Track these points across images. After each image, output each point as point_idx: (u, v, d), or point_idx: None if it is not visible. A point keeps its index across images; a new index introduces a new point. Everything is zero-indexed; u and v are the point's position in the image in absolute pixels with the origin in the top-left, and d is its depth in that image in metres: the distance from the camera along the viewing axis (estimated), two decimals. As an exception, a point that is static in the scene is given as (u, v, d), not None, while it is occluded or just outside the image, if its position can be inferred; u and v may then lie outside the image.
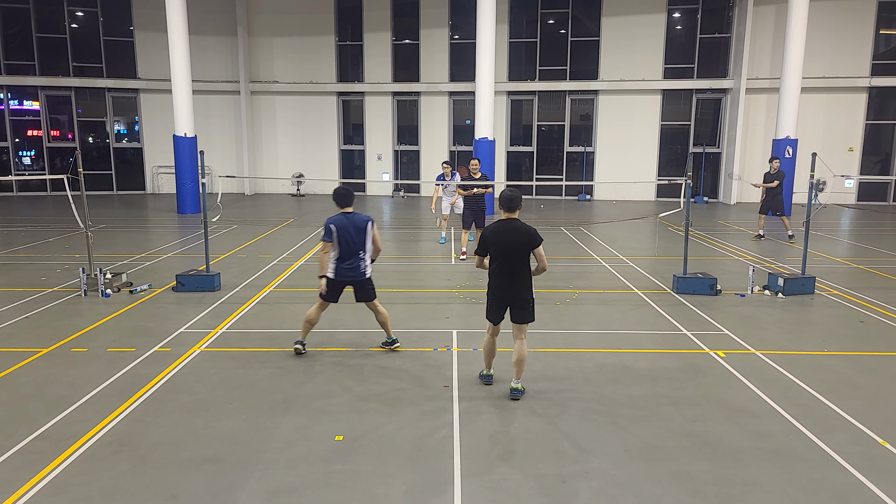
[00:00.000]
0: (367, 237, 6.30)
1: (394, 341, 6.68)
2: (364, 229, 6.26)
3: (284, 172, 24.28)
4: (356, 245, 6.24)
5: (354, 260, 6.27)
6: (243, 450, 4.66)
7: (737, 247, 13.24)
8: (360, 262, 6.28)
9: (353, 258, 6.26)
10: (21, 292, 9.10)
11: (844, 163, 21.36)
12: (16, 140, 24.13)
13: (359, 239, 6.24)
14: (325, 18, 23.68)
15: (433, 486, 4.20)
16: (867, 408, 5.41)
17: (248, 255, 12.04)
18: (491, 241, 5.55)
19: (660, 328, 7.70)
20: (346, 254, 6.24)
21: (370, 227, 6.32)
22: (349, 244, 6.22)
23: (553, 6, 22.88)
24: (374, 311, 6.60)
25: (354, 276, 6.29)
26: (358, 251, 6.25)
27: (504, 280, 5.55)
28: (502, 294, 5.60)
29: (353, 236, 6.22)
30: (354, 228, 6.23)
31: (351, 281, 6.32)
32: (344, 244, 6.21)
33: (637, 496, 4.11)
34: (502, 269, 5.53)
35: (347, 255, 6.25)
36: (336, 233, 6.18)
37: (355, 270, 6.28)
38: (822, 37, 20.72)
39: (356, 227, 6.24)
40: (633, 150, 22.91)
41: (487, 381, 5.90)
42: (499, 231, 5.52)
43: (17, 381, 5.91)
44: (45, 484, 4.19)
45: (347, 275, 6.27)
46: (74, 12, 23.70)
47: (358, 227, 6.25)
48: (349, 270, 6.27)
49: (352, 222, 6.24)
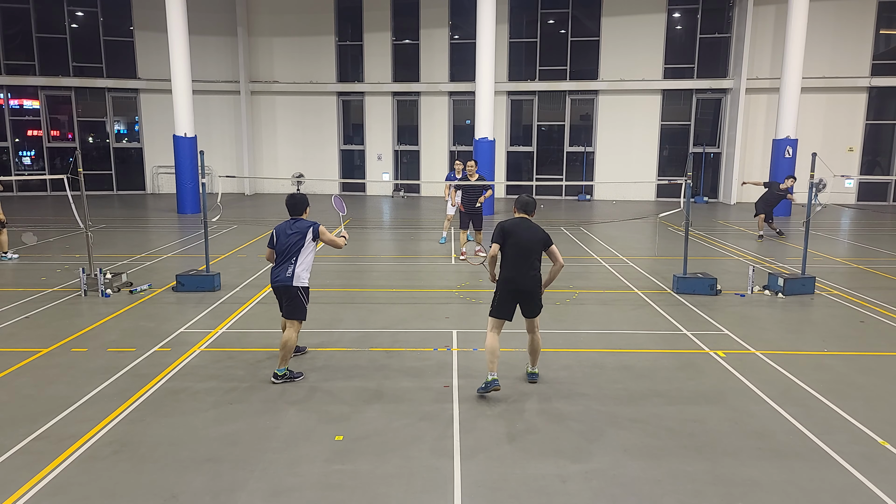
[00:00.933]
0: (305, 244, 5.96)
1: (282, 375, 5.93)
2: (303, 234, 5.95)
3: (284, 172, 24.27)
4: (288, 251, 5.94)
5: (284, 266, 5.96)
6: (243, 450, 4.66)
7: (737, 247, 13.24)
8: (289, 267, 5.92)
9: (283, 264, 5.97)
10: (21, 292, 9.10)
11: (844, 163, 21.36)
12: (16, 140, 24.12)
13: (292, 244, 5.94)
14: (325, 18, 23.68)
15: (433, 486, 4.20)
16: (867, 408, 5.41)
17: (248, 255, 12.04)
18: (509, 231, 5.64)
19: (660, 328, 7.69)
20: (279, 259, 6.01)
21: (310, 234, 5.97)
22: (281, 249, 5.98)
23: (553, 6, 22.88)
24: (285, 330, 6.05)
25: (280, 281, 5.94)
26: (290, 257, 5.94)
27: (518, 272, 5.63)
28: (515, 286, 5.63)
29: (287, 241, 5.96)
30: (292, 234, 5.97)
31: (277, 286, 5.99)
32: (278, 249, 6.01)
33: (637, 496, 4.11)
34: (517, 261, 5.63)
35: (279, 260, 6.01)
36: (276, 238, 6.04)
37: (281, 275, 5.95)
38: (822, 37, 20.72)
39: (295, 232, 5.98)
40: (633, 150, 22.91)
41: (495, 385, 5.50)
42: (518, 224, 5.70)
43: (17, 381, 5.91)
44: (45, 484, 4.19)
45: (274, 280, 5.99)
46: (74, 12, 23.70)
47: (297, 232, 5.97)
48: (276, 275, 5.99)
49: (292, 228, 6.01)
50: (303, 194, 6.19)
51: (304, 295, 6.01)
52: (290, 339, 5.92)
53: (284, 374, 5.89)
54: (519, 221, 5.75)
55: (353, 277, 10.72)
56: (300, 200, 6.12)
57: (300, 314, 6.01)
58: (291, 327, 5.99)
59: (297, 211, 6.11)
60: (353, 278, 10.65)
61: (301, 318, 6.02)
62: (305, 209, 6.14)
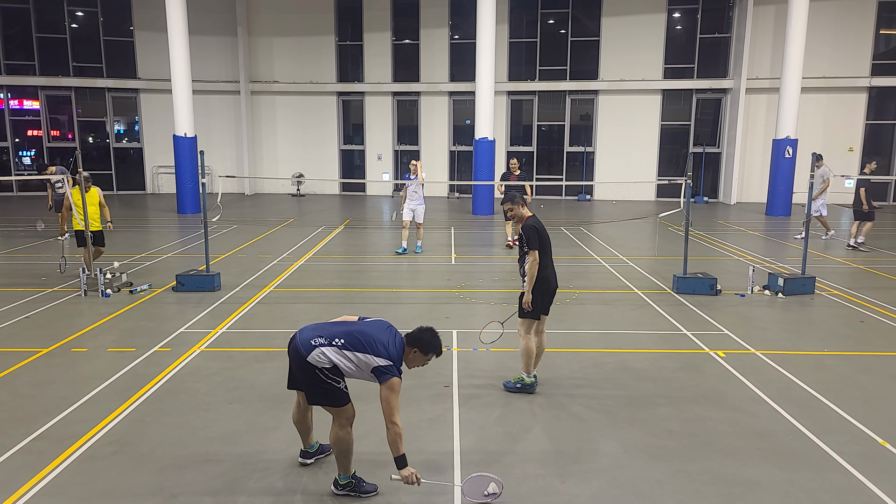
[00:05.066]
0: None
1: (343, 485, 4.12)
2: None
3: (284, 172, 24.27)
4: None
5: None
6: (243, 450, 4.66)
7: (737, 247, 13.24)
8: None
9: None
10: (21, 292, 9.10)
11: (844, 163, 21.35)
12: (16, 140, 24.12)
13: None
14: (325, 18, 23.68)
15: (434, 486, 4.19)
16: (867, 408, 5.41)
17: (248, 255, 12.04)
18: (543, 232, 5.58)
19: (660, 328, 7.69)
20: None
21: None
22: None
23: (553, 6, 22.88)
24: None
25: (299, 340, 4.03)
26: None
27: (552, 271, 5.68)
28: (551, 285, 5.67)
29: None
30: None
31: (292, 344, 4.07)
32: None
33: (637, 496, 4.11)
34: (549, 261, 5.65)
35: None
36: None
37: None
38: (822, 37, 20.71)
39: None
40: (633, 150, 22.91)
41: (532, 389, 5.61)
42: (540, 224, 5.64)
43: (17, 381, 5.91)
44: (45, 484, 4.19)
45: (298, 333, 4.10)
46: (74, 12, 23.70)
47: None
48: (303, 330, 4.11)
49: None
50: (439, 338, 4.17)
51: (331, 377, 4.04)
52: (335, 436, 4.11)
53: (348, 483, 4.13)
54: (539, 221, 5.70)
55: (353, 277, 10.72)
56: (432, 338, 4.14)
57: (334, 401, 4.10)
58: (335, 423, 4.13)
59: (417, 343, 4.14)
60: (353, 278, 10.65)
61: (336, 403, 4.13)
62: (415, 353, 4.15)
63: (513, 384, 5.69)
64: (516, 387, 5.66)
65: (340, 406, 4.05)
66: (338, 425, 4.04)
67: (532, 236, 5.48)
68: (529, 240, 5.50)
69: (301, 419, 4.40)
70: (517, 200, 5.76)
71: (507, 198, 5.80)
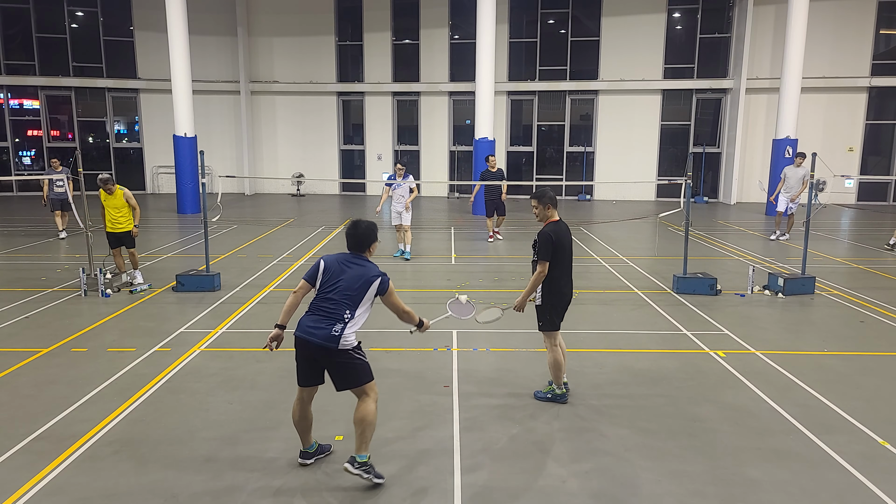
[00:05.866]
0: (365, 297, 4.23)
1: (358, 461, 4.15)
2: (368, 282, 4.23)
3: (284, 172, 24.27)
4: (339, 299, 4.18)
5: (328, 318, 4.15)
6: (243, 450, 4.66)
7: (737, 247, 13.24)
8: (334, 324, 4.13)
9: (325, 315, 4.17)
10: (21, 292, 9.10)
11: (844, 163, 21.36)
12: (16, 140, 24.12)
13: (350, 290, 4.20)
14: (325, 18, 23.67)
15: (433, 486, 4.20)
16: (867, 408, 5.41)
17: (248, 255, 12.04)
18: (559, 243, 5.17)
19: (660, 328, 7.69)
20: (319, 304, 4.24)
21: (376, 285, 4.24)
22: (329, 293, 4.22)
23: (553, 6, 22.87)
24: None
25: (318, 338, 4.11)
26: (341, 309, 4.16)
27: (568, 283, 5.40)
28: (566, 299, 5.43)
29: (341, 285, 4.21)
30: (350, 277, 4.22)
31: (312, 344, 4.13)
32: (323, 290, 4.26)
33: (637, 496, 4.11)
34: (565, 271, 5.35)
35: (320, 307, 4.22)
36: (323, 272, 4.28)
37: (319, 331, 4.12)
38: (822, 37, 20.71)
39: (358, 276, 4.23)
40: (633, 150, 22.91)
41: (563, 399, 5.45)
42: (561, 231, 5.25)
43: (17, 381, 5.91)
44: (45, 484, 4.19)
45: (308, 334, 4.15)
46: (74, 12, 23.70)
47: (359, 276, 4.23)
48: (310, 329, 4.16)
49: (351, 267, 4.26)
50: (371, 223, 4.42)
51: (359, 353, 4.24)
52: (368, 412, 4.18)
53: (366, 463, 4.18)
54: (560, 226, 5.23)
55: (353, 277, 10.70)
56: (367, 231, 4.35)
57: (366, 376, 4.24)
58: (366, 395, 4.23)
59: (361, 245, 4.36)
60: (353, 278, 10.63)
61: (369, 378, 4.26)
62: (372, 245, 4.40)
63: (543, 394, 5.52)
64: (547, 397, 5.49)
65: (372, 380, 4.28)
66: (371, 399, 4.22)
67: (546, 246, 5.10)
68: (541, 249, 5.14)
69: (302, 417, 4.40)
70: (545, 200, 5.28)
71: (536, 194, 5.35)
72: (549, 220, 5.32)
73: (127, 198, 9.52)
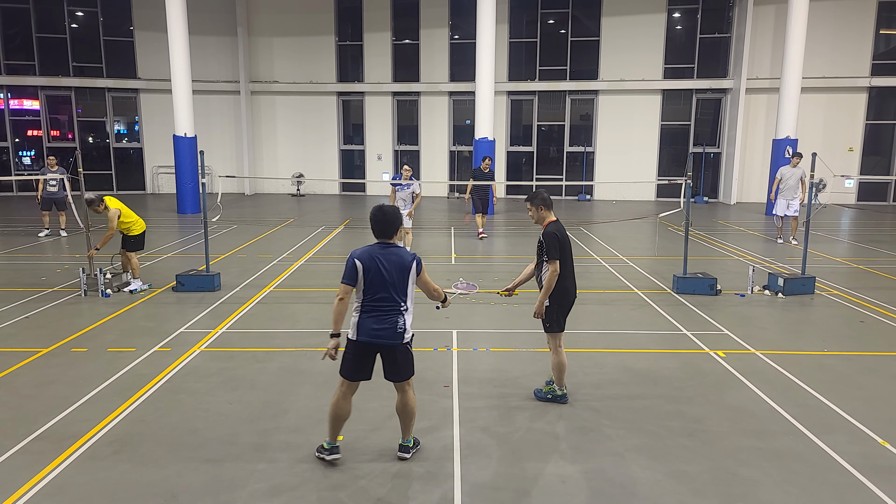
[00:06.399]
0: (410, 283, 4.34)
1: (408, 446, 4.55)
2: (407, 269, 4.29)
3: (284, 172, 24.27)
4: (389, 293, 4.24)
5: (388, 315, 4.26)
6: (243, 450, 4.66)
7: (737, 247, 13.24)
8: (397, 318, 4.27)
9: (383, 313, 4.26)
10: (21, 292, 9.10)
11: (844, 163, 21.35)
12: (16, 140, 24.12)
13: (396, 282, 4.26)
14: (325, 18, 23.67)
15: (433, 486, 4.20)
16: (867, 408, 5.41)
17: (248, 255, 12.04)
18: (563, 242, 5.22)
19: (660, 328, 7.69)
20: (369, 304, 4.26)
21: (414, 268, 4.33)
22: (377, 290, 4.24)
23: (553, 6, 22.87)
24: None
25: (384, 338, 4.27)
26: (394, 302, 4.27)
27: (572, 281, 5.42)
28: (570, 297, 5.43)
29: (386, 278, 4.23)
30: (392, 267, 4.24)
31: (379, 345, 4.30)
32: (370, 289, 4.24)
33: (637, 496, 4.11)
34: (570, 271, 5.39)
35: (372, 306, 4.26)
36: (364, 271, 4.21)
37: (384, 331, 4.26)
38: (822, 37, 20.71)
39: (397, 266, 4.26)
40: (633, 150, 22.91)
41: (563, 400, 5.46)
42: (562, 231, 5.28)
43: (17, 381, 5.91)
44: (45, 484, 4.19)
45: (373, 336, 4.26)
46: (74, 12, 23.70)
47: (398, 266, 4.26)
48: (374, 331, 4.26)
49: (388, 258, 4.25)
50: (394, 206, 4.42)
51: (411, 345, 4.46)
52: (412, 400, 4.49)
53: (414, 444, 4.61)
54: (561, 227, 5.30)
55: (353, 277, 10.70)
56: (394, 216, 4.35)
57: (413, 367, 4.51)
58: (409, 386, 4.48)
59: (390, 231, 4.34)
60: (353, 278, 10.63)
61: (413, 372, 4.51)
62: (399, 229, 4.45)
63: (543, 394, 5.52)
64: (547, 397, 5.49)
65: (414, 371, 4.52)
66: (412, 389, 4.49)
67: (553, 245, 5.12)
68: (550, 248, 5.14)
69: (347, 410, 4.46)
70: (537, 201, 5.34)
71: (528, 196, 5.40)
72: (548, 220, 5.34)
73: (110, 217, 9.02)
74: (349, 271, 4.22)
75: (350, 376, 4.38)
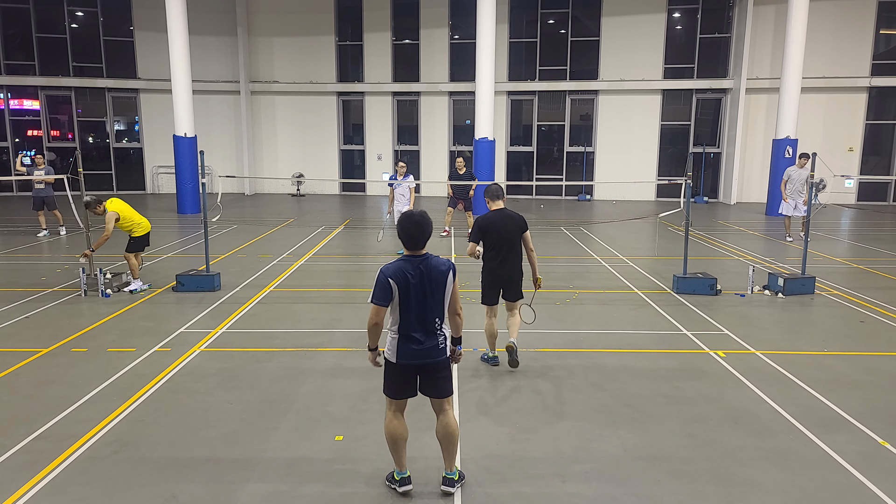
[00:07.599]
0: (447, 292, 4.05)
1: (454, 479, 4.13)
2: (444, 278, 4.00)
3: (284, 172, 24.27)
4: (426, 309, 3.98)
5: (427, 332, 4.01)
6: (243, 450, 4.66)
7: (737, 247, 13.24)
8: (438, 336, 4.05)
9: (422, 330, 3.99)
10: (21, 292, 9.10)
11: (844, 163, 21.35)
12: (16, 140, 24.11)
13: (432, 297, 3.99)
14: (325, 18, 23.67)
15: (433, 486, 4.19)
16: (867, 408, 5.41)
17: (248, 255, 12.04)
18: (486, 229, 6.07)
19: (660, 328, 7.69)
20: (407, 321, 3.98)
21: (450, 277, 4.03)
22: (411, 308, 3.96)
23: (553, 6, 22.87)
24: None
25: (429, 357, 4.03)
26: (432, 317, 4.01)
27: (500, 263, 6.16)
28: (498, 277, 6.20)
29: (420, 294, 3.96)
30: (430, 280, 3.97)
31: (423, 364, 4.04)
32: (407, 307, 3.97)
33: (637, 496, 4.11)
34: (499, 254, 6.13)
35: (409, 323, 3.98)
36: (398, 289, 3.91)
37: (427, 349, 4.02)
38: (822, 37, 20.71)
39: (433, 279, 3.98)
40: (633, 150, 22.90)
41: (494, 362, 6.34)
42: (495, 220, 6.08)
43: (17, 381, 5.91)
44: (45, 484, 4.19)
45: (417, 356, 4.01)
46: (74, 12, 23.69)
47: (435, 279, 3.98)
48: (416, 350, 4.00)
49: (426, 272, 3.96)
50: (423, 212, 4.06)
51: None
52: (454, 423, 4.15)
53: (460, 477, 4.22)
54: (496, 215, 6.09)
55: (353, 277, 10.72)
56: (427, 224, 4.00)
57: (451, 385, 4.27)
58: (449, 407, 4.16)
59: (423, 240, 3.99)
60: (353, 278, 10.65)
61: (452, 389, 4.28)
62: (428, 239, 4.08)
63: (482, 355, 6.48)
64: (483, 358, 6.44)
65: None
66: (452, 411, 4.19)
67: (474, 230, 6.10)
68: (471, 232, 6.15)
69: (404, 430, 4.10)
70: (486, 194, 6.24)
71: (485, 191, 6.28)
72: (492, 209, 6.19)
73: (107, 219, 8.89)
74: (381, 291, 3.89)
75: (395, 395, 4.09)
